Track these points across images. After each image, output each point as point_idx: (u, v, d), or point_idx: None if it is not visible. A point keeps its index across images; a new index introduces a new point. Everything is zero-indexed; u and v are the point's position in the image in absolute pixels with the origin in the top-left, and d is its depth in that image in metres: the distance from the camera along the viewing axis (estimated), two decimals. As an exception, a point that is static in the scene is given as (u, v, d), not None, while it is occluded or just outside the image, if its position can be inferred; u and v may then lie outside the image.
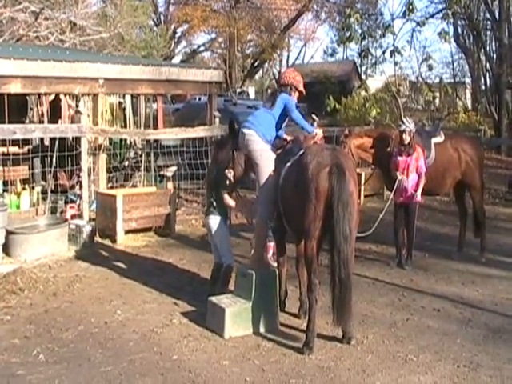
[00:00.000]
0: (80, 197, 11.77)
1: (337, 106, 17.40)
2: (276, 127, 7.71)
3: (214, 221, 8.01)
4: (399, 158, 9.97)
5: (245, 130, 7.62)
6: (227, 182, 7.99)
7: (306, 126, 7.73)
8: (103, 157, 12.36)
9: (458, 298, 8.56)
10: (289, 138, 8.04)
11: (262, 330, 7.22)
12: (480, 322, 7.70)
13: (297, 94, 7.89)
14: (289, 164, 7.33)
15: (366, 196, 14.50)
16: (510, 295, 8.78)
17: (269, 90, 53.13)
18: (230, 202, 8.01)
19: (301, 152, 7.24)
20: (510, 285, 9.24)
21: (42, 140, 12.74)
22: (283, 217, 7.48)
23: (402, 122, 10.22)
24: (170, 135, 13.29)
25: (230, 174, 8.03)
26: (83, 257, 10.18)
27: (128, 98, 14.68)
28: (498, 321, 7.77)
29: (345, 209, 6.48)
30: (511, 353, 6.79)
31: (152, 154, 13.84)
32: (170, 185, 12.69)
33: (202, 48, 51.81)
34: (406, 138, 9.90)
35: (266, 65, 54.79)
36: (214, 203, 8.03)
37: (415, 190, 9.90)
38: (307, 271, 6.98)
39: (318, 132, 7.77)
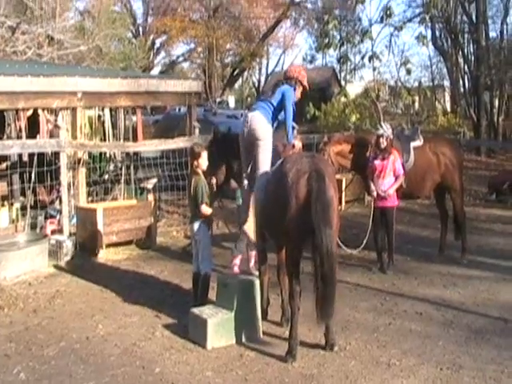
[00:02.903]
0: (60, 212, 11.71)
1: (317, 112, 17.47)
2: (273, 117, 7.77)
3: (198, 227, 8.04)
4: (375, 162, 10.02)
5: (249, 113, 7.84)
6: (208, 190, 8.01)
7: (289, 131, 7.75)
8: (83, 171, 12.27)
9: (439, 301, 8.59)
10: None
11: (244, 339, 7.20)
12: (462, 324, 7.74)
13: (301, 88, 7.96)
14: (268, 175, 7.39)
15: (346, 202, 14.52)
16: (492, 296, 8.84)
17: (248, 99, 53.32)
18: (208, 211, 8.04)
19: (280, 161, 7.27)
20: (491, 285, 9.30)
21: (20, 156, 12.65)
22: (265, 226, 7.49)
23: (381, 125, 10.27)
24: (150, 147, 13.26)
25: (212, 181, 8.05)
26: (64, 272, 10.13)
27: (107, 110, 14.62)
28: (480, 322, 7.81)
29: (325, 210, 6.47)
30: (493, 353, 6.82)
31: (132, 167, 13.80)
32: (150, 197, 12.62)
33: (181, 58, 51.96)
34: (383, 143, 9.95)
35: (246, 73, 54.91)
36: (197, 210, 8.04)
37: (392, 191, 9.97)
38: (288, 278, 6.99)
39: (297, 144, 7.78)
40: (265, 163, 7.57)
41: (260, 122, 7.64)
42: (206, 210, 7.96)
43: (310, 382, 6.19)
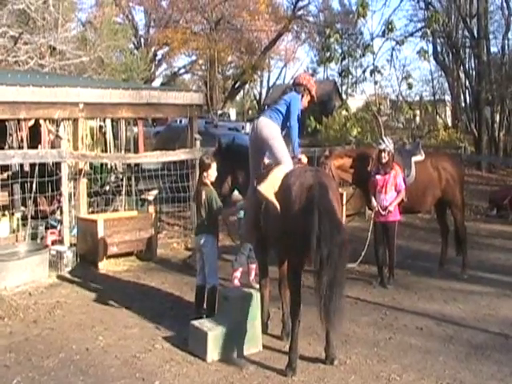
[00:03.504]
0: (61, 222, 11.69)
1: (318, 126, 17.46)
2: (282, 124, 7.70)
3: (205, 240, 8.01)
4: (377, 177, 10.02)
5: (256, 120, 7.88)
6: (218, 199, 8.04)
7: (295, 143, 7.69)
8: (84, 181, 12.26)
9: (440, 316, 8.58)
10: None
11: (244, 352, 7.18)
12: (462, 339, 7.72)
13: (308, 97, 7.90)
14: None
15: (347, 216, 14.50)
16: (492, 311, 8.82)
17: (250, 112, 53.47)
18: (231, 213, 8.18)
19: (283, 175, 7.26)
20: (492, 301, 9.28)
21: (21, 166, 12.66)
22: (267, 239, 7.49)
23: (383, 140, 10.26)
24: (151, 159, 13.26)
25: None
26: (64, 283, 10.11)
27: (108, 121, 14.65)
28: (481, 337, 7.80)
29: (329, 212, 6.44)
30: (494, 369, 6.81)
31: (133, 178, 13.81)
32: (151, 208, 12.60)
33: (182, 70, 52.15)
34: (385, 157, 9.94)
35: (247, 86, 55.06)
36: (205, 222, 8.03)
37: (393, 207, 9.96)
38: (290, 291, 6.98)
39: (303, 158, 7.74)
40: (285, 155, 7.49)
41: (267, 124, 7.58)
42: (228, 213, 8.06)
43: (311, 396, 6.19)
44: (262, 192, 7.01)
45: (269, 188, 7.05)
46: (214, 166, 8.07)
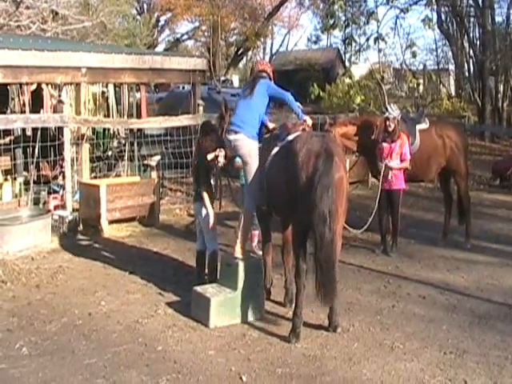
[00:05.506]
0: (63, 187, 11.66)
1: (321, 93, 17.40)
2: (259, 115, 7.62)
3: (201, 206, 8.02)
4: (384, 144, 9.96)
5: (231, 137, 7.53)
6: (217, 163, 7.98)
7: (298, 111, 7.69)
8: (86, 147, 12.25)
9: (443, 285, 8.57)
10: (272, 126, 7.96)
11: (247, 319, 7.19)
12: (466, 309, 7.72)
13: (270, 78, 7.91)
14: (275, 150, 7.30)
15: (350, 183, 14.41)
16: (495, 281, 8.81)
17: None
18: (206, 199, 8.00)
19: (289, 138, 7.20)
20: (495, 270, 9.27)
21: (23, 130, 12.60)
22: (270, 203, 7.45)
23: (387, 108, 10.20)
24: (154, 124, 13.20)
25: (220, 153, 7.98)
26: (66, 248, 10.11)
27: (111, 87, 14.55)
28: (484, 307, 7.79)
29: (324, 190, 6.38)
30: (497, 339, 6.80)
31: (135, 144, 13.76)
32: (153, 174, 12.55)
33: (185, 36, 51.71)
34: (390, 125, 9.88)
35: (250, 53, 54.62)
36: (199, 189, 8.05)
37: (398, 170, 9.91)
38: (295, 256, 6.97)
39: (308, 120, 7.71)
40: (251, 177, 7.59)
41: (243, 147, 7.49)
42: (205, 197, 7.95)
43: (313, 363, 6.18)
44: None
45: None
46: (211, 136, 8.07)
